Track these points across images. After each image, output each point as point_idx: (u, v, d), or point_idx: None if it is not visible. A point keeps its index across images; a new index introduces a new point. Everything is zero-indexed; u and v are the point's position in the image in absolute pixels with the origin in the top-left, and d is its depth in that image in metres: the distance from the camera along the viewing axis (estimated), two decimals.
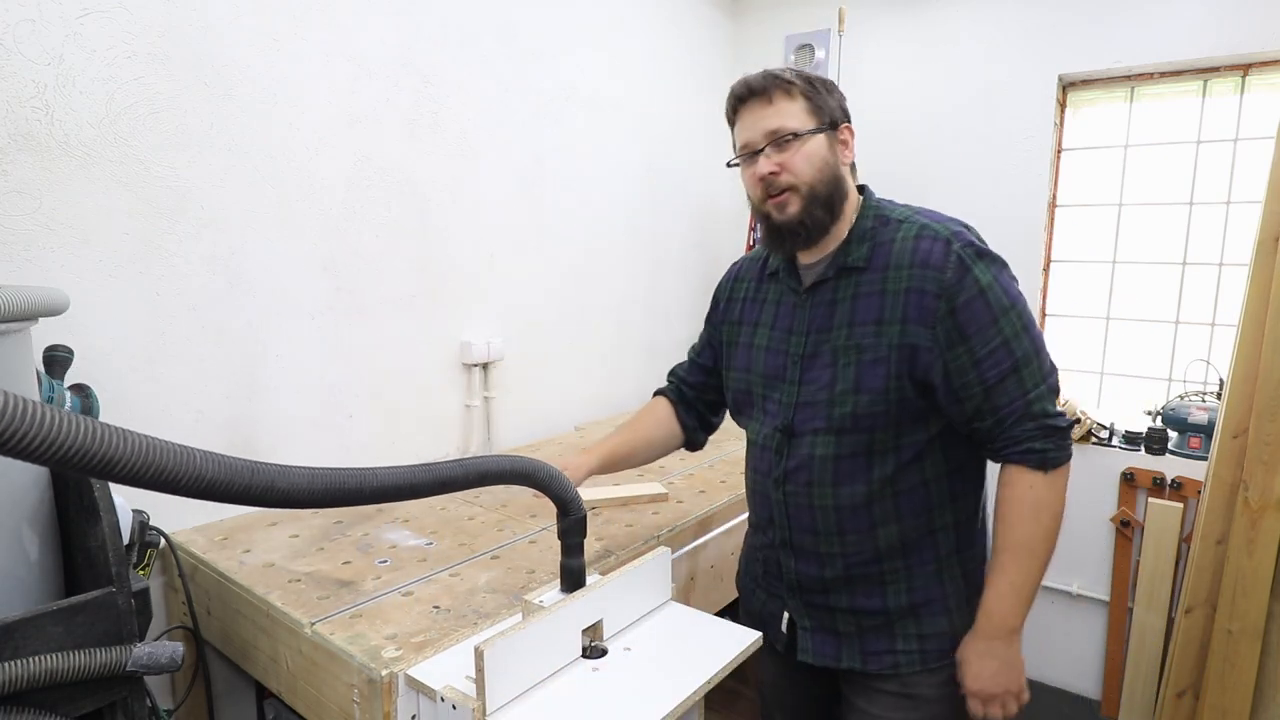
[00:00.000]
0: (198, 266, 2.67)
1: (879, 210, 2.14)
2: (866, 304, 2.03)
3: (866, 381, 2.00)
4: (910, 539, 2.11)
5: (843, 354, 2.04)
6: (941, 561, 2.16)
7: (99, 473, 1.02)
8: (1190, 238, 4.28)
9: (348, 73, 3.06)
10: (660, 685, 1.68)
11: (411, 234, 3.38)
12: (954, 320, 1.93)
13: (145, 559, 2.21)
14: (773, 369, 2.19)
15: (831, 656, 2.20)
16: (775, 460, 2.17)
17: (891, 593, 2.14)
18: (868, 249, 2.06)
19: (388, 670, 1.79)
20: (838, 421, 2.04)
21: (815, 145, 2.04)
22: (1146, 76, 4.24)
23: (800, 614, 2.24)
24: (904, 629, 2.15)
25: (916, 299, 1.95)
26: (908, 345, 1.96)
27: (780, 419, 2.15)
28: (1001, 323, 1.94)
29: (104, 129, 2.41)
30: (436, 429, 3.63)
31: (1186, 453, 4.13)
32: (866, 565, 2.12)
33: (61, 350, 2.19)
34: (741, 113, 2.09)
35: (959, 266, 1.94)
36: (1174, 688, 3.55)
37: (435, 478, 1.52)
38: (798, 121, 2.02)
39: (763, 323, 2.27)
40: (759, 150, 2.06)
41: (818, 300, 2.12)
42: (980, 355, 1.93)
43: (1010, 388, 1.95)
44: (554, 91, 4.03)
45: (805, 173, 2.02)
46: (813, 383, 2.09)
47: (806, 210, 2.04)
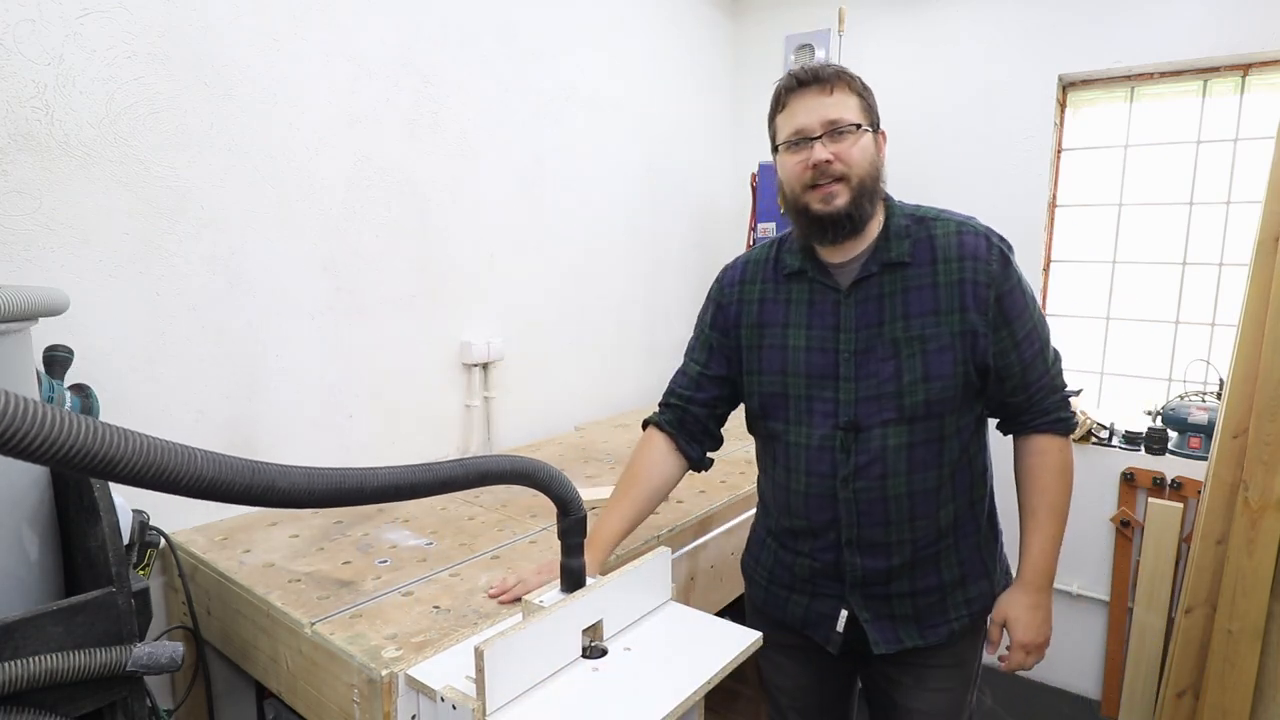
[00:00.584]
0: (198, 266, 2.67)
1: (904, 210, 2.20)
2: (919, 296, 2.10)
3: (935, 369, 2.07)
4: (961, 515, 2.24)
5: (904, 345, 2.09)
6: (980, 532, 2.31)
7: (100, 472, 1.02)
8: (1190, 238, 4.28)
9: (348, 73, 3.06)
10: (660, 685, 1.68)
11: (411, 234, 3.38)
12: (999, 307, 2.09)
13: (145, 559, 2.21)
14: (820, 368, 2.18)
15: (895, 641, 2.24)
16: (841, 458, 2.15)
17: (945, 568, 2.24)
18: (908, 245, 2.12)
19: (388, 670, 1.79)
20: (910, 410, 2.09)
21: (868, 141, 2.08)
22: (1146, 76, 4.24)
23: (861, 608, 2.24)
24: (954, 598, 2.25)
25: (971, 289, 2.07)
26: (969, 332, 2.07)
27: (840, 417, 2.14)
28: (1031, 309, 2.14)
29: (104, 129, 2.41)
30: (436, 429, 3.63)
31: (1186, 453, 4.13)
32: (929, 547, 2.20)
33: (61, 350, 2.19)
34: (797, 99, 2.09)
35: (1001, 259, 2.10)
36: (1174, 688, 3.55)
37: (435, 478, 1.52)
38: (855, 115, 2.06)
39: (794, 323, 2.23)
40: (814, 137, 2.06)
41: (863, 296, 2.14)
42: (1020, 338, 2.12)
43: (1039, 365, 2.17)
44: (554, 91, 4.03)
45: (859, 165, 2.06)
46: (873, 376, 2.11)
47: (855, 202, 2.06)
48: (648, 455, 2.43)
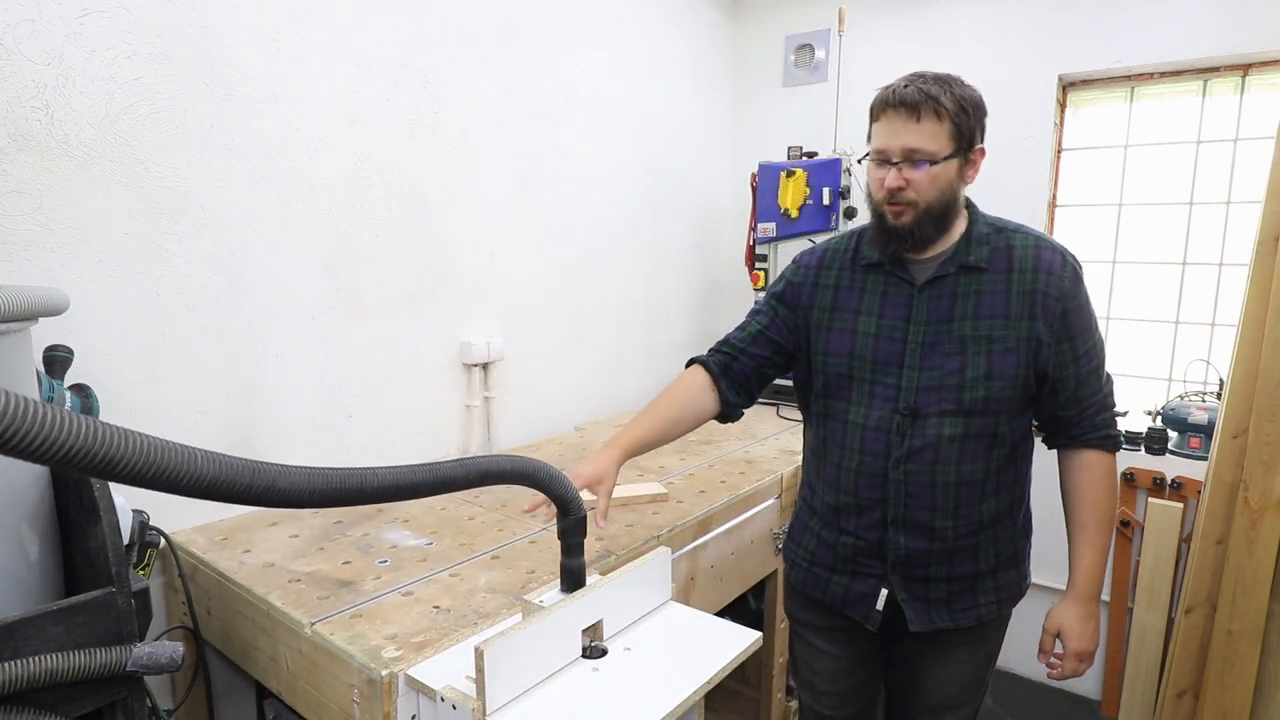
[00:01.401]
0: (198, 266, 2.67)
1: (988, 220, 2.33)
2: (991, 300, 2.21)
3: (999, 369, 2.19)
4: (1002, 510, 2.34)
5: (971, 343, 2.20)
6: (1017, 529, 2.43)
7: (100, 472, 1.02)
8: (1190, 238, 4.28)
9: (348, 73, 3.06)
10: (660, 685, 1.69)
11: (411, 234, 3.38)
12: (1065, 321, 2.20)
13: (145, 559, 2.21)
14: (886, 355, 2.29)
15: (927, 621, 2.36)
16: (896, 441, 2.26)
17: (983, 558, 2.35)
18: (987, 252, 2.24)
19: (388, 670, 1.79)
20: (968, 404, 2.20)
21: (947, 170, 2.16)
22: (1146, 76, 4.25)
23: (899, 587, 2.35)
24: (984, 585, 2.38)
25: (1042, 300, 2.19)
26: (1034, 339, 2.18)
27: (900, 402, 2.26)
28: (1093, 330, 2.27)
29: (104, 129, 2.41)
30: (436, 429, 3.63)
31: (1186, 453, 4.14)
32: (969, 536, 2.31)
33: (61, 350, 2.19)
34: (885, 117, 2.18)
35: (1074, 277, 2.23)
36: (1174, 688, 3.55)
37: (435, 477, 1.52)
38: (936, 145, 2.13)
39: (866, 310, 2.35)
40: (893, 161, 2.16)
41: (937, 293, 2.26)
42: (1080, 353, 2.23)
43: (1093, 383, 2.28)
44: (554, 91, 4.03)
45: (928, 194, 2.16)
46: (936, 368, 2.23)
47: (918, 224, 2.19)
48: (686, 384, 2.55)
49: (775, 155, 4.84)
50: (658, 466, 3.50)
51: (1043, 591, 4.56)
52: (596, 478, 2.31)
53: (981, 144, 2.24)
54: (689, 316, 5.23)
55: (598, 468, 2.33)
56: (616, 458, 2.39)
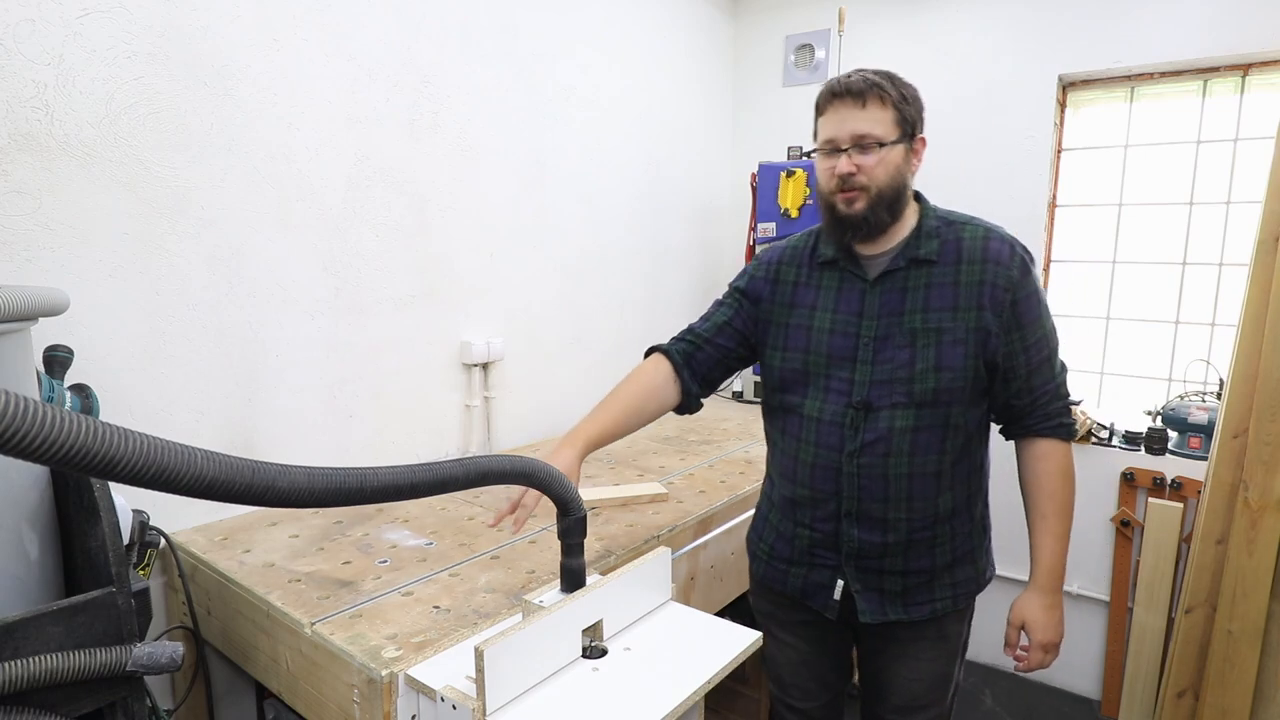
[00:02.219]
0: (198, 266, 2.67)
1: (937, 213, 2.36)
2: (940, 292, 2.24)
3: (947, 360, 2.21)
4: (959, 504, 2.36)
5: (921, 336, 2.23)
6: (975, 523, 2.44)
7: (100, 472, 1.02)
8: (1190, 238, 4.28)
9: (348, 72, 3.06)
10: (660, 685, 1.69)
11: (411, 234, 3.38)
12: (1014, 311, 2.22)
13: (145, 559, 2.21)
14: (840, 350, 2.32)
15: (880, 613, 2.37)
16: (850, 434, 2.29)
17: (939, 553, 2.36)
18: (936, 245, 2.27)
19: (388, 670, 1.79)
20: (919, 396, 2.23)
21: (894, 154, 2.21)
22: (1146, 76, 4.25)
23: (853, 579, 2.37)
24: (941, 581, 2.38)
25: (990, 291, 2.21)
26: (983, 330, 2.21)
27: (853, 396, 2.28)
28: (1044, 318, 2.28)
29: (104, 129, 2.41)
30: (436, 429, 3.62)
31: (1186, 453, 4.14)
32: (924, 530, 2.32)
33: (61, 350, 2.19)
34: (832, 108, 2.22)
35: (1022, 267, 2.24)
36: (1174, 688, 3.55)
37: (435, 477, 1.52)
38: (884, 130, 2.18)
39: (821, 306, 2.38)
40: (842, 149, 2.21)
41: (887, 288, 2.29)
42: (1029, 343, 2.25)
43: (1045, 372, 2.29)
44: (554, 91, 4.03)
45: (880, 178, 2.20)
46: (888, 362, 2.25)
47: (872, 209, 2.22)
48: (649, 374, 2.58)
49: (775, 155, 4.85)
50: (658, 466, 3.50)
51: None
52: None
53: (923, 134, 2.30)
54: (689, 316, 5.14)
55: (560, 465, 2.32)
56: (578, 454, 2.44)
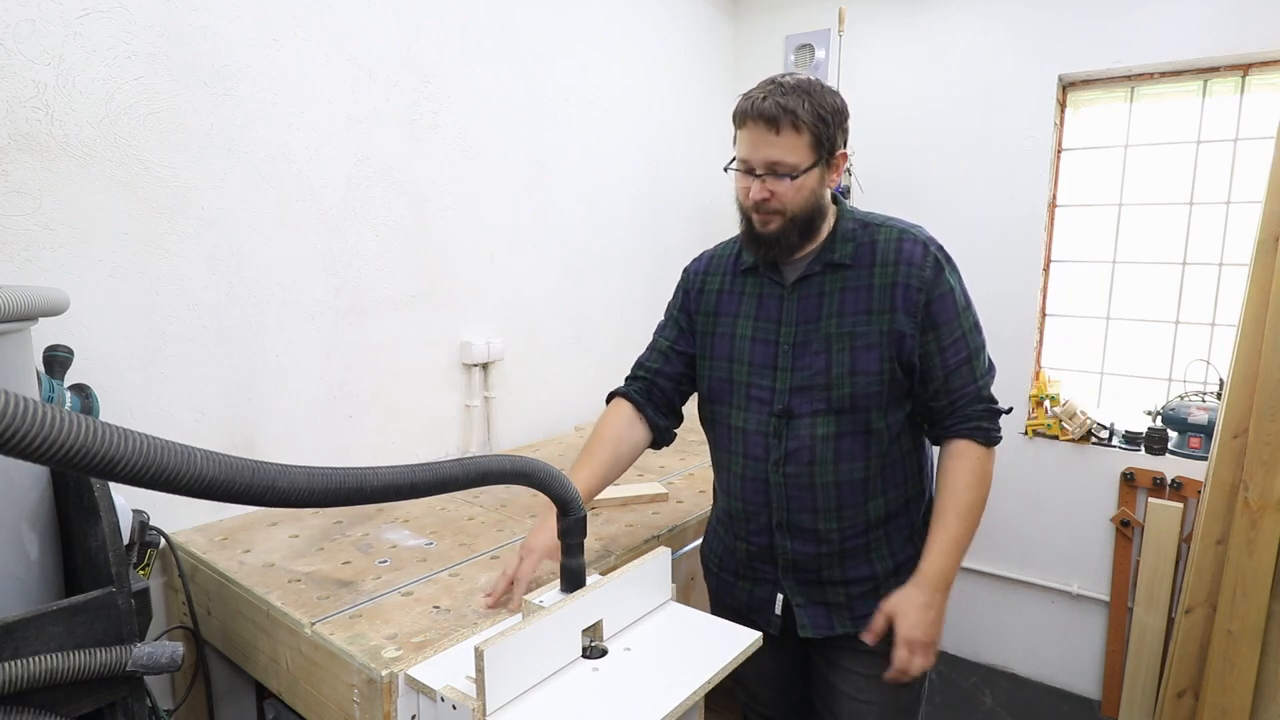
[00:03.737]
0: (198, 266, 2.67)
1: (855, 215, 2.32)
2: (855, 296, 2.21)
3: (861, 364, 2.18)
4: (893, 510, 2.31)
5: (836, 340, 2.20)
6: (913, 527, 2.38)
7: (100, 472, 1.02)
8: (1190, 238, 4.27)
9: (348, 72, 3.06)
10: (660, 686, 1.69)
11: (411, 234, 3.38)
12: (928, 311, 2.17)
13: (145, 559, 2.21)
14: (761, 357, 2.30)
15: (825, 627, 2.33)
16: (774, 444, 2.26)
17: (877, 559, 2.32)
18: (852, 249, 2.24)
19: (388, 670, 1.79)
20: (837, 402, 2.19)
21: (808, 179, 2.16)
22: (1146, 76, 4.24)
23: (794, 592, 2.34)
24: (888, 588, 2.28)
25: (903, 292, 2.17)
26: (897, 332, 2.17)
27: (774, 404, 2.26)
28: (962, 319, 2.21)
29: (104, 129, 2.41)
30: (436, 429, 3.63)
31: (1186, 453, 4.14)
32: (857, 538, 2.28)
33: (61, 350, 2.19)
34: (746, 129, 2.17)
35: (935, 266, 2.19)
36: (1174, 688, 3.55)
37: (435, 477, 1.52)
38: (797, 157, 2.13)
39: (744, 314, 2.37)
40: (756, 174, 2.16)
41: (804, 293, 2.27)
42: (945, 344, 2.19)
43: (964, 374, 2.22)
44: (554, 91, 4.03)
45: (793, 203, 2.16)
46: (806, 368, 2.23)
47: (784, 232, 2.20)
48: (615, 421, 2.52)
49: None
50: (658, 466, 3.50)
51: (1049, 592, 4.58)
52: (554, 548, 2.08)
53: (844, 148, 2.24)
54: None
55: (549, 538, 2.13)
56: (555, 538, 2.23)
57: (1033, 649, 4.73)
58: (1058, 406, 4.45)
